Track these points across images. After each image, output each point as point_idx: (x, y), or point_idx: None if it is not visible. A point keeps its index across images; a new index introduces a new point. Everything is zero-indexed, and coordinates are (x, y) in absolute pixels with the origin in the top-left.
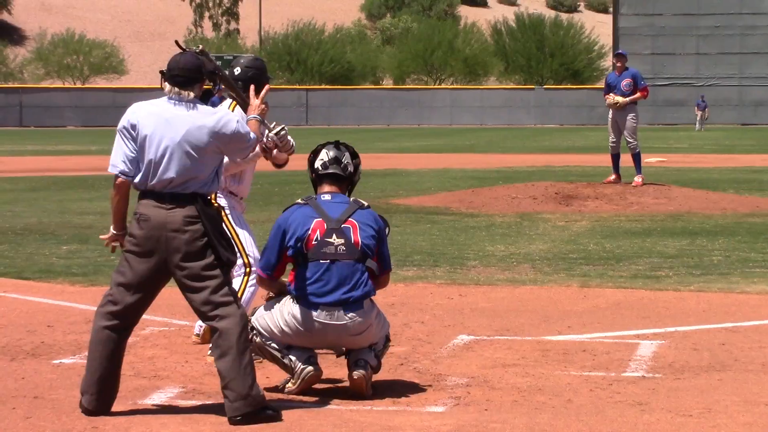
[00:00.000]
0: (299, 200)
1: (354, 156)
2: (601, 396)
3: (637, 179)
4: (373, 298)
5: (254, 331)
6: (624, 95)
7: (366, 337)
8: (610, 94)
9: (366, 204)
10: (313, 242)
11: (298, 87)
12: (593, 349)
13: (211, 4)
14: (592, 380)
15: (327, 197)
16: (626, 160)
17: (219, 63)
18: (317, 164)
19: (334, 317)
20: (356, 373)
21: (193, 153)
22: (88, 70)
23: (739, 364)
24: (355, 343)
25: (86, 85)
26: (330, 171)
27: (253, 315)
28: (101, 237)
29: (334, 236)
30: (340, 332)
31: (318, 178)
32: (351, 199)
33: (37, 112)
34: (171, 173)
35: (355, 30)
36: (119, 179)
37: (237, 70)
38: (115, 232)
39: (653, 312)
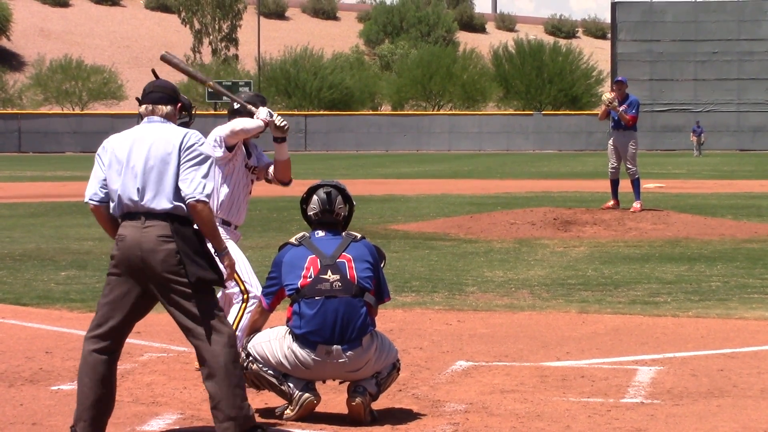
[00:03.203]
0: (293, 240)
1: (346, 198)
2: (600, 422)
3: (636, 205)
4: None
5: (250, 358)
6: (625, 113)
7: (365, 371)
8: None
9: (359, 236)
10: (308, 279)
11: (296, 113)
12: (592, 375)
13: (210, 30)
14: (591, 406)
15: (321, 234)
16: (625, 185)
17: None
18: (309, 213)
19: (332, 356)
20: (355, 400)
21: (158, 167)
22: (86, 96)
23: (737, 390)
24: (353, 377)
25: (85, 111)
26: (323, 220)
27: (249, 342)
28: None
29: (329, 272)
30: (338, 368)
31: (311, 224)
32: (343, 233)
33: (36, 138)
34: (138, 185)
35: (354, 56)
36: (91, 206)
37: (236, 105)
38: None
39: (652, 338)
